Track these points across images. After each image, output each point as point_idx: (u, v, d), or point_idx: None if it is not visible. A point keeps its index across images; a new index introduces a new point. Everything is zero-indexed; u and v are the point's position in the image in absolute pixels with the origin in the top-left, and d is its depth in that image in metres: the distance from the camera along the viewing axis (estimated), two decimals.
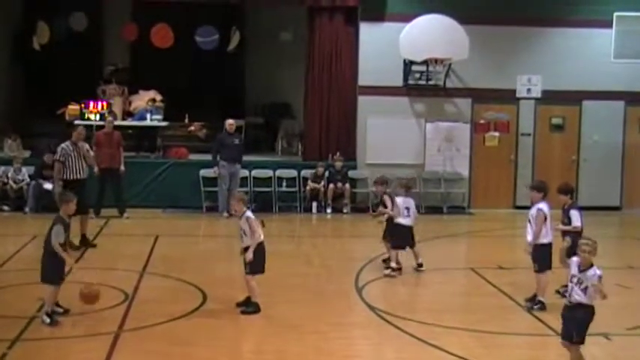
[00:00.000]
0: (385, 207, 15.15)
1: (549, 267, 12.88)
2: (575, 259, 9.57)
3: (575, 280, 9.47)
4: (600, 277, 9.34)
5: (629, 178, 23.57)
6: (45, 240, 11.29)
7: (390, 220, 14.94)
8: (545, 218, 12.70)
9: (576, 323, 9.50)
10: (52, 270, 11.19)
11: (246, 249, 11.88)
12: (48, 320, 10.91)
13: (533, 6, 22.35)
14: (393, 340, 11.37)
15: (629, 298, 14.13)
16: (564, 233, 13.47)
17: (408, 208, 15.16)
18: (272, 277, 14.87)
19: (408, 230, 15.11)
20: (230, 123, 21.17)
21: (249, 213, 12.03)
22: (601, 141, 23.29)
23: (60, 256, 11.15)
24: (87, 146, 16.93)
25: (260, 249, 11.94)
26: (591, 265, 9.39)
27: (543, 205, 12.80)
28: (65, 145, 16.36)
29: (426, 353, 10.86)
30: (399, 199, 15.26)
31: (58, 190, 16.26)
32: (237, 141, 21.16)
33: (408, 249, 15.16)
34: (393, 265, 14.86)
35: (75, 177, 16.29)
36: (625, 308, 13.55)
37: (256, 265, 11.84)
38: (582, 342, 9.49)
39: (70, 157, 16.25)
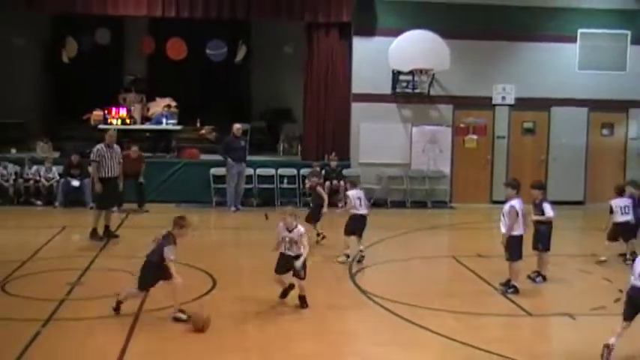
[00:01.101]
0: (322, 198, 16.31)
1: (520, 256, 12.93)
2: None
3: None
4: None
5: (592, 175, 23.61)
6: (151, 252, 11.00)
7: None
8: (517, 214, 12.76)
9: None
10: (152, 276, 10.86)
11: (296, 257, 11.41)
12: (183, 316, 10.70)
13: (507, 23, 22.37)
14: (384, 320, 11.40)
15: (591, 282, 14.21)
16: (537, 223, 13.61)
17: (359, 198, 15.23)
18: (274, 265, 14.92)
19: (363, 218, 15.15)
20: (237, 127, 21.17)
21: (302, 228, 11.56)
22: (567, 143, 23.32)
23: (169, 272, 10.78)
24: (119, 151, 16.89)
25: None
26: None
27: (515, 202, 12.86)
28: (100, 146, 16.37)
29: (414, 332, 10.90)
30: (351, 192, 15.39)
31: (98, 187, 16.30)
32: (243, 143, 21.20)
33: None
34: (348, 251, 15.02)
35: (108, 175, 16.31)
36: (588, 291, 13.64)
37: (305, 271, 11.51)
38: None
39: (105, 157, 16.28)
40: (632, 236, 15.77)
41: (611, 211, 15.76)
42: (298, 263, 11.28)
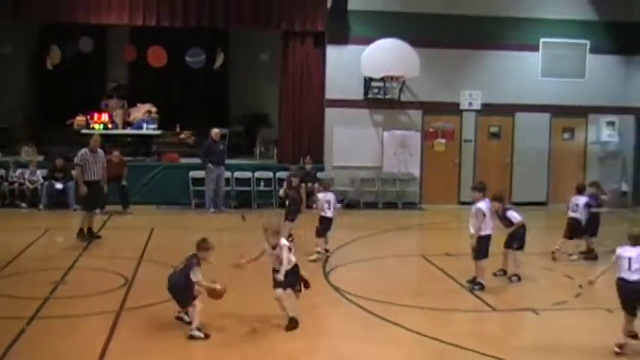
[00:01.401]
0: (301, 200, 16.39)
1: (486, 255, 12.99)
2: None
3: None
4: None
5: (554, 177, 23.72)
6: (177, 273, 10.63)
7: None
8: (484, 215, 12.82)
9: None
10: (187, 296, 10.36)
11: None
12: (199, 334, 10.16)
13: (474, 32, 22.45)
14: (358, 318, 11.42)
15: (553, 279, 14.31)
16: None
17: (328, 201, 15.35)
18: (252, 265, 14.89)
19: (329, 221, 15.29)
20: (215, 132, 21.17)
21: (282, 241, 10.61)
22: (531, 146, 23.43)
23: (196, 288, 10.35)
24: (103, 155, 16.79)
25: (294, 270, 10.66)
26: None
27: (482, 204, 12.93)
28: (84, 151, 16.29)
29: (386, 328, 10.93)
30: (321, 195, 15.53)
31: (83, 190, 16.22)
32: (221, 147, 21.16)
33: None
34: (318, 249, 15.19)
35: (91, 179, 16.23)
36: (550, 287, 13.75)
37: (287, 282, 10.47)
38: None
39: (88, 161, 16.20)
40: (578, 234, 15.88)
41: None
42: (279, 275, 10.44)
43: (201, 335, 10.11)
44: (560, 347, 10.31)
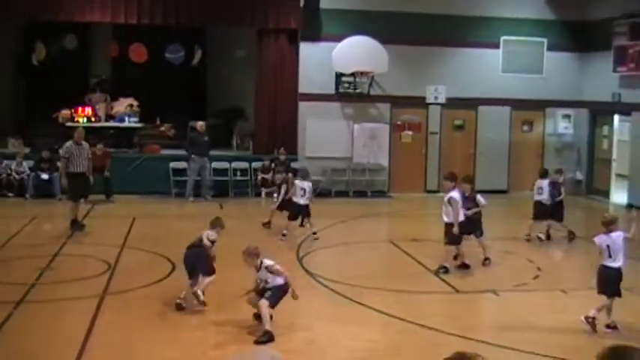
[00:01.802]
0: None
1: (459, 241, 13.16)
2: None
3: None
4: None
5: (514, 167, 23.85)
6: (195, 247, 10.94)
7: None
8: (458, 203, 12.95)
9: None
10: (208, 265, 10.81)
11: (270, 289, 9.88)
12: (201, 297, 10.48)
13: (439, 30, 22.49)
14: (329, 299, 11.48)
15: (513, 262, 14.46)
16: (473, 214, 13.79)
17: (303, 189, 15.65)
18: (229, 251, 14.88)
19: (303, 207, 15.62)
20: (201, 124, 21.21)
21: (267, 261, 9.98)
22: (493, 138, 23.52)
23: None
24: (88, 147, 16.67)
25: (284, 289, 9.94)
26: None
27: (455, 193, 13.03)
28: (69, 143, 16.16)
29: (355, 309, 11.01)
30: (298, 182, 15.93)
31: (64, 182, 16.15)
32: (206, 138, 21.13)
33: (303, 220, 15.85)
34: (285, 231, 15.63)
35: (77, 170, 16.12)
36: (510, 270, 13.88)
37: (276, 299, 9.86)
38: None
39: (73, 154, 16.08)
40: (544, 216, 16.04)
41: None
42: (268, 293, 9.84)
43: (202, 299, 10.42)
44: (518, 326, 10.42)
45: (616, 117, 22.72)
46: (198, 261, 10.72)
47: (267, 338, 9.38)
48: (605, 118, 23.29)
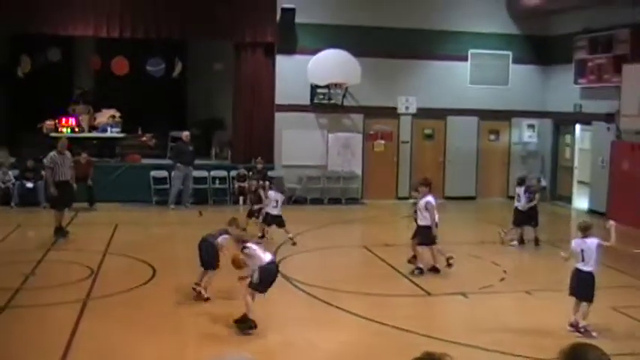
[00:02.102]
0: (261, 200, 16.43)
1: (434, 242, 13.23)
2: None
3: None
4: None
5: (482, 174, 23.96)
6: (209, 239, 11.32)
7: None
8: (434, 207, 13.17)
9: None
10: (213, 259, 11.26)
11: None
12: (204, 293, 11.19)
13: (410, 44, 22.56)
14: (305, 303, 11.47)
15: (480, 265, 14.53)
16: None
17: (277, 201, 15.76)
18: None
19: (273, 217, 15.70)
20: (186, 134, 21.22)
21: (249, 245, 10.03)
22: (461, 147, 23.62)
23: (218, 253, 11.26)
24: (70, 157, 16.57)
25: (265, 270, 9.89)
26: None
27: (430, 198, 13.17)
28: (53, 154, 16.03)
29: (331, 312, 11.01)
30: (272, 193, 16.02)
31: (52, 191, 15.99)
32: (191, 148, 21.10)
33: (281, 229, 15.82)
34: (260, 234, 15.81)
35: (61, 179, 16.01)
36: (478, 272, 13.95)
37: (259, 284, 9.86)
38: None
39: (57, 163, 15.98)
40: (522, 222, 16.14)
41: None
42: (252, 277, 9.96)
43: (205, 295, 11.11)
44: (486, 326, 10.46)
45: (577, 126, 22.90)
46: (207, 254, 11.23)
47: (244, 322, 9.77)
48: (567, 127, 23.46)
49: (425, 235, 13.31)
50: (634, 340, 9.85)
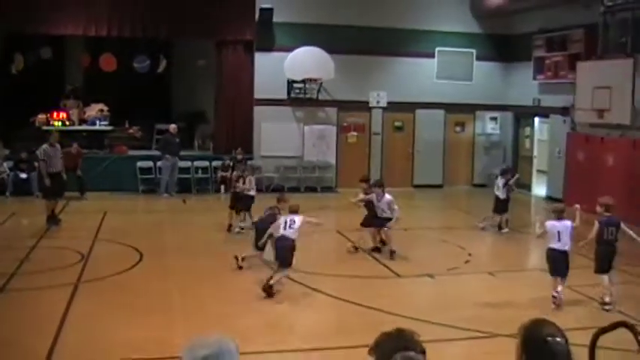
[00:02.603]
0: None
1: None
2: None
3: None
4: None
5: (448, 164, 24.04)
6: (260, 220, 12.23)
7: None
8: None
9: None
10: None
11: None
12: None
13: (380, 41, 22.56)
14: (284, 286, 11.46)
15: (447, 249, 14.61)
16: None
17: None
18: (191, 241, 14.86)
19: (252, 198, 15.69)
20: (173, 127, 21.10)
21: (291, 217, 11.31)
22: (429, 138, 23.69)
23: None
24: (60, 148, 16.45)
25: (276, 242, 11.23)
26: None
27: (389, 196, 13.30)
28: (45, 146, 15.88)
29: (308, 293, 11.06)
30: (252, 177, 16.12)
31: (47, 182, 15.86)
32: (177, 140, 21.02)
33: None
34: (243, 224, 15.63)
35: (53, 170, 15.90)
36: (444, 255, 14.02)
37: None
38: None
39: (50, 155, 15.87)
40: (503, 210, 16.25)
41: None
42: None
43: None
44: (451, 305, 10.55)
45: (536, 119, 23.05)
46: (259, 234, 11.88)
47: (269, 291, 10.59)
48: (526, 120, 23.61)
49: (377, 222, 13.68)
50: (586, 314, 9.98)
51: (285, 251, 10.99)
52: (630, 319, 8.56)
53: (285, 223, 11.17)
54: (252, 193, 15.72)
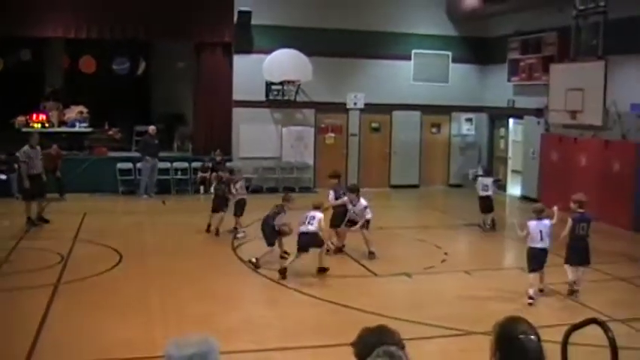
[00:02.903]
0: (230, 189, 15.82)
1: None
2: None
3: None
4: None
5: (425, 164, 24.14)
6: (267, 217, 12.49)
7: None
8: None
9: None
10: (273, 236, 12.41)
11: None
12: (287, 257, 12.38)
13: (357, 44, 22.61)
14: (262, 285, 11.49)
15: (424, 248, 14.65)
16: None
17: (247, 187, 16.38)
18: (171, 241, 14.81)
19: (245, 201, 15.61)
20: (152, 128, 21.09)
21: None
22: (405, 139, 23.79)
23: (282, 230, 12.39)
24: (40, 152, 16.40)
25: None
26: None
27: (364, 201, 13.24)
28: (26, 148, 15.85)
29: (285, 292, 11.05)
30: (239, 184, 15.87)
31: (26, 184, 15.78)
32: (156, 141, 20.96)
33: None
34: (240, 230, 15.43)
35: (34, 172, 15.84)
36: (421, 255, 14.07)
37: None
38: None
39: (31, 157, 15.80)
40: (490, 209, 16.33)
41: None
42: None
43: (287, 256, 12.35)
44: (428, 303, 10.60)
45: (511, 120, 23.20)
46: (266, 231, 12.53)
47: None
48: (501, 121, 23.76)
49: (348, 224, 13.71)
50: (558, 311, 10.08)
51: (308, 240, 11.82)
52: (601, 315, 8.65)
53: (306, 218, 11.91)
54: (245, 196, 15.70)
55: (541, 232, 10.55)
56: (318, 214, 11.99)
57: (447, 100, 23.80)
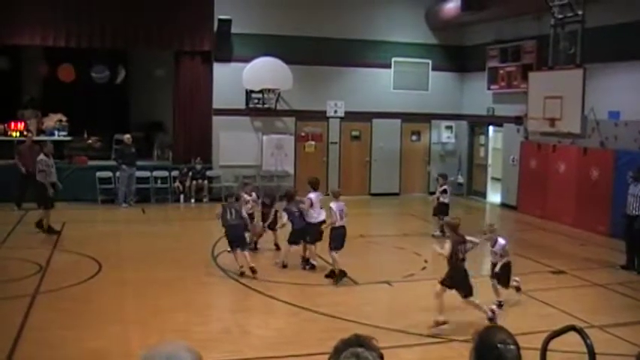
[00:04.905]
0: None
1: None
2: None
3: None
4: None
5: (405, 172, 24.18)
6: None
7: None
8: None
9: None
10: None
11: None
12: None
13: (337, 52, 22.67)
14: (240, 293, 11.43)
15: (404, 256, 14.66)
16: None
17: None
18: (150, 250, 14.72)
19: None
20: (127, 137, 20.97)
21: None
22: (385, 147, 23.81)
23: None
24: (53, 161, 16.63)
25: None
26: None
27: (342, 204, 12.82)
28: (43, 157, 16.19)
29: (264, 301, 11.00)
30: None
31: (51, 192, 16.05)
32: (133, 150, 20.84)
33: None
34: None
35: (52, 180, 16.25)
36: (401, 262, 14.08)
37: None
38: None
39: (49, 165, 16.19)
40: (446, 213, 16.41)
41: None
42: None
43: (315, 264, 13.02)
44: (408, 311, 10.59)
45: (490, 128, 23.31)
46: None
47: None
48: (481, 128, 23.88)
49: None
50: (537, 318, 10.10)
51: (342, 237, 12.26)
52: (580, 322, 8.66)
53: (340, 212, 12.30)
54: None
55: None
56: (342, 204, 12.49)
57: (427, 108, 23.87)
